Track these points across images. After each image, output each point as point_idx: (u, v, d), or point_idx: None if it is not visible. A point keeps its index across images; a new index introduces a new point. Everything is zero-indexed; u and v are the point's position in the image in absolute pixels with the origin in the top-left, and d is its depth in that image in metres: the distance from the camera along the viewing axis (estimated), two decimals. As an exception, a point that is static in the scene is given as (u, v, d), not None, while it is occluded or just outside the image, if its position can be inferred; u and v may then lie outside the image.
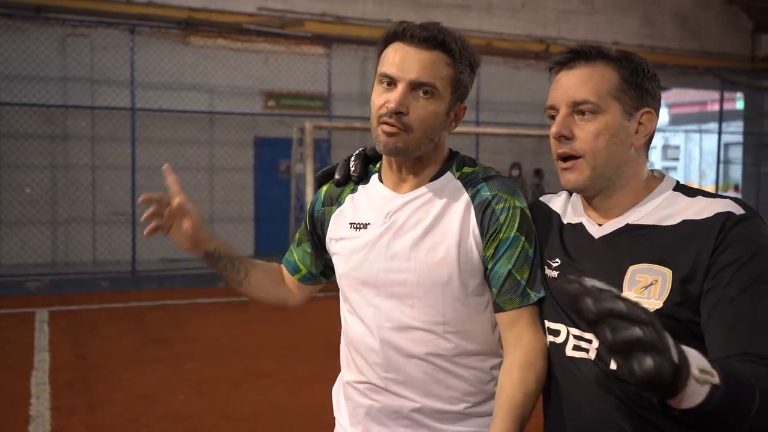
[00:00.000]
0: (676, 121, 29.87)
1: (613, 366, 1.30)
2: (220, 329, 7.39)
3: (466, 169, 1.53)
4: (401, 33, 1.47)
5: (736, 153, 18.15)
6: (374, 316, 1.52)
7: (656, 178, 1.42)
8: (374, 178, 1.60)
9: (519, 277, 1.44)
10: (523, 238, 1.45)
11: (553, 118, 1.40)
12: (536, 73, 13.76)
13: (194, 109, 11.25)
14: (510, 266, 1.44)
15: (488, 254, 1.46)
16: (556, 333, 1.42)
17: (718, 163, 16.43)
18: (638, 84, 1.37)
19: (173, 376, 5.63)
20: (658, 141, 35.45)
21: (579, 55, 1.39)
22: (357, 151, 1.67)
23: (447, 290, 1.46)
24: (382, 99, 1.44)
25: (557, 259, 1.44)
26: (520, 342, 1.43)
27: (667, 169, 37.13)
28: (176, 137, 11.31)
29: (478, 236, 1.46)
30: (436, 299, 1.46)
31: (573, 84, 1.37)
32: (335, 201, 1.64)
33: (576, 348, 1.38)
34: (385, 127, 1.44)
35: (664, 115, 30.82)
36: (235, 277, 1.70)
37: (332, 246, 1.63)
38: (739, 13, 16.38)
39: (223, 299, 8.96)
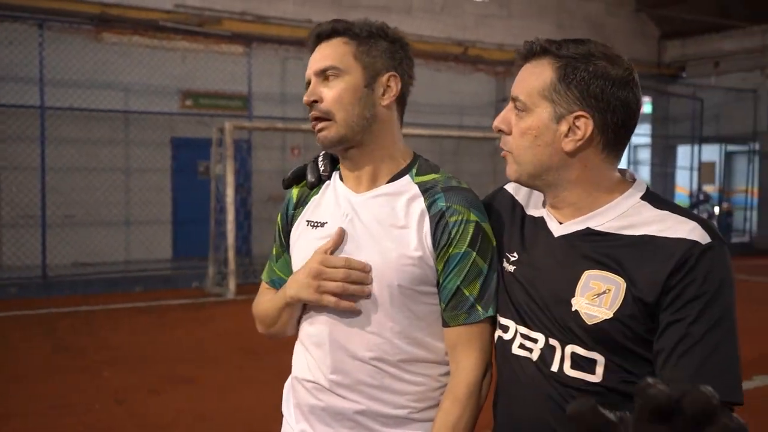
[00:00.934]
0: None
1: (554, 368, 1.30)
2: (137, 335, 7.18)
3: (427, 177, 1.51)
4: (309, 41, 1.54)
5: (644, 154, 18.96)
6: (326, 316, 1.50)
7: (626, 182, 1.37)
8: (335, 176, 1.60)
9: (467, 293, 1.43)
10: (475, 254, 1.43)
11: None
12: (456, 75, 14.00)
13: (108, 108, 10.87)
14: (459, 282, 1.43)
15: (439, 268, 1.45)
16: (506, 329, 1.41)
17: (628, 164, 17.13)
18: (578, 86, 1.28)
19: (89, 385, 5.42)
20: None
21: (527, 52, 1.35)
22: (323, 152, 1.66)
23: (397, 294, 1.44)
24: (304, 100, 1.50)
25: (515, 253, 1.42)
26: (457, 370, 1.45)
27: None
28: (89, 137, 10.91)
29: (431, 247, 1.44)
30: (387, 303, 1.45)
31: (518, 80, 1.35)
32: (304, 202, 1.63)
33: (521, 347, 1.37)
34: (314, 123, 1.47)
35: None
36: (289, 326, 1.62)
37: (291, 244, 1.62)
38: (646, 20, 17.13)
39: (139, 304, 8.72)
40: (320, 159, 1.65)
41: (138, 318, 8.00)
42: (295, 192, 1.67)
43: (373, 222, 1.48)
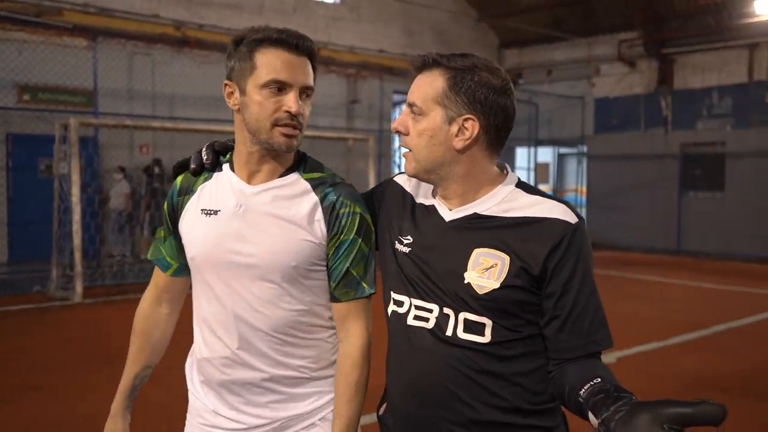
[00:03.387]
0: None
1: (448, 333, 1.51)
2: (-23, 343, 6.75)
3: (315, 174, 1.71)
4: (284, 41, 1.60)
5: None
6: (228, 295, 1.66)
7: (502, 174, 1.61)
8: (226, 167, 1.73)
9: (355, 273, 1.66)
10: (360, 240, 1.66)
11: None
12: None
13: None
14: (348, 264, 1.66)
15: (330, 252, 1.67)
16: (400, 304, 1.61)
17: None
18: (466, 93, 1.49)
19: (-75, 397, 5.07)
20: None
21: (422, 63, 1.55)
22: (206, 144, 1.79)
23: (291, 273, 1.64)
24: (275, 103, 1.59)
25: (409, 237, 1.62)
26: (347, 339, 1.68)
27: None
28: None
29: (325, 234, 1.66)
30: (281, 280, 1.64)
31: (412, 87, 1.56)
32: (189, 190, 1.75)
33: (417, 318, 1.57)
34: (285, 129, 1.60)
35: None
36: (147, 375, 1.93)
37: (184, 231, 1.74)
38: (487, 30, 18.16)
39: (-24, 311, 8.17)
40: (204, 150, 1.77)
41: (-25, 326, 7.50)
42: (179, 180, 1.78)
43: (265, 212, 1.65)
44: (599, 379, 1.36)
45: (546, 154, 18.87)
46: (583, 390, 1.36)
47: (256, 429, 1.69)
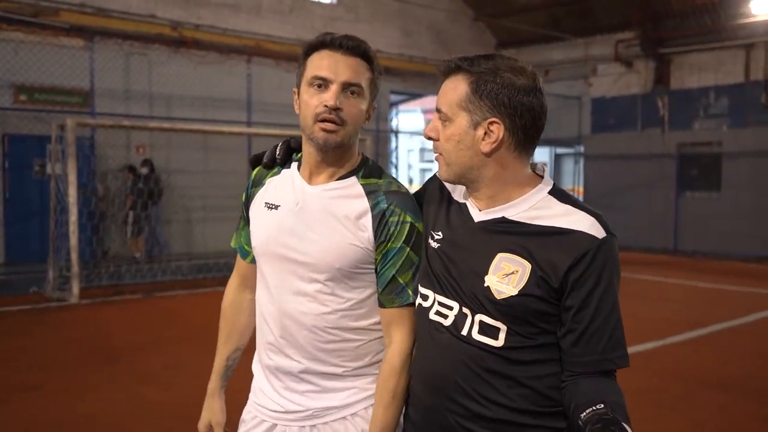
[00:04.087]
0: (431, 125, 32.03)
1: (464, 332, 1.54)
2: (-26, 344, 6.73)
3: (372, 180, 1.78)
4: (329, 42, 1.69)
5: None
6: (276, 287, 1.78)
7: (537, 176, 1.61)
8: (294, 166, 1.84)
9: (401, 280, 1.72)
10: (408, 249, 1.72)
11: None
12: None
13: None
14: (394, 271, 1.72)
15: (378, 258, 1.73)
16: (426, 298, 1.65)
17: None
18: (489, 96, 1.50)
19: None
20: (415, 144, 37.91)
21: (446, 69, 1.57)
22: (284, 140, 1.91)
23: (335, 273, 1.72)
24: (317, 99, 1.67)
25: (440, 232, 1.65)
26: (390, 345, 1.74)
27: (424, 170, 39.79)
28: None
29: (372, 240, 1.72)
30: (326, 279, 1.73)
31: (440, 94, 1.58)
32: (260, 183, 1.88)
33: (438, 313, 1.60)
34: (324, 125, 1.67)
35: (419, 120, 33.01)
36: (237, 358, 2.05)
37: (251, 221, 1.88)
38: (484, 29, 18.16)
39: (-27, 311, 8.14)
40: (279, 144, 1.89)
41: (-27, 326, 7.47)
42: (255, 172, 1.91)
43: (318, 212, 1.74)
44: (602, 406, 1.37)
45: (543, 154, 18.89)
46: (584, 414, 1.38)
47: (292, 414, 1.80)
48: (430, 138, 1.61)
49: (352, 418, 1.78)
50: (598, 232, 1.48)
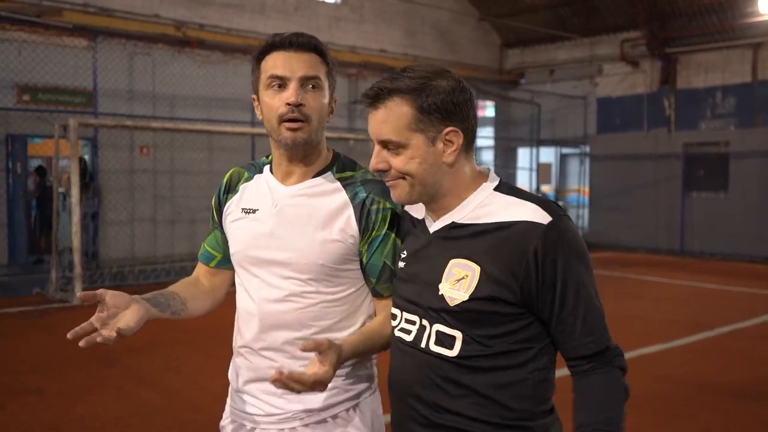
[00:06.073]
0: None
1: (422, 345, 1.53)
2: (-26, 345, 6.70)
3: (347, 173, 1.79)
4: (278, 43, 1.69)
5: (488, 156, 20.00)
6: (257, 290, 1.77)
7: (482, 175, 1.57)
8: (266, 169, 1.84)
9: (393, 267, 1.72)
10: (393, 234, 1.73)
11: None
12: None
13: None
14: (384, 258, 1.73)
15: (363, 249, 1.74)
16: (395, 317, 1.64)
17: (474, 165, 17.93)
18: (437, 108, 1.46)
19: None
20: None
21: (375, 98, 1.49)
22: None
23: (319, 270, 1.72)
24: (278, 100, 1.67)
25: (404, 252, 1.64)
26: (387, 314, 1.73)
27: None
28: None
29: (356, 232, 1.72)
30: (311, 278, 1.72)
31: (376, 124, 1.50)
32: (233, 189, 1.87)
33: (402, 330, 1.60)
34: (290, 124, 1.67)
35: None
36: (175, 310, 1.82)
37: (228, 228, 1.86)
38: (489, 30, 18.09)
39: (-26, 313, 8.12)
40: None
41: (-28, 327, 7.44)
42: (226, 178, 1.90)
43: (297, 212, 1.74)
44: None
45: (548, 155, 18.80)
46: None
47: (270, 417, 1.77)
48: (379, 170, 1.55)
49: (333, 420, 1.76)
50: (543, 217, 1.43)
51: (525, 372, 1.47)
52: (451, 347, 1.48)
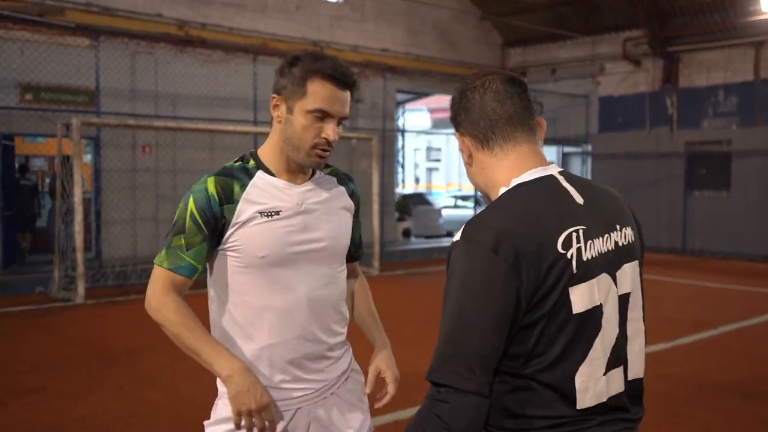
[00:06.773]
0: (437, 125, 32.03)
1: None
2: (-23, 344, 6.72)
3: (327, 169, 2.06)
4: (331, 74, 1.82)
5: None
6: (299, 282, 1.91)
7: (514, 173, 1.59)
8: (259, 173, 1.92)
9: (360, 236, 2.19)
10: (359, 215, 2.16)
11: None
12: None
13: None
14: (360, 231, 2.16)
15: (353, 227, 2.11)
16: None
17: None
18: (455, 124, 1.60)
19: (-76, 399, 5.04)
20: (421, 143, 37.82)
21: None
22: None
23: (344, 251, 2.05)
24: (316, 129, 1.85)
25: None
26: (360, 277, 2.27)
27: (430, 170, 39.73)
28: None
29: (352, 214, 2.10)
30: (339, 258, 2.03)
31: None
32: (230, 200, 1.87)
33: None
34: (321, 152, 1.88)
35: (426, 120, 32.91)
36: None
37: (249, 235, 1.86)
38: (490, 29, 18.08)
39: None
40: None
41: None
42: (213, 190, 1.85)
43: (320, 204, 1.97)
44: None
45: (550, 153, 18.80)
46: None
47: (314, 392, 1.96)
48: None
49: (352, 373, 2.09)
50: (458, 235, 1.41)
51: None
52: None
